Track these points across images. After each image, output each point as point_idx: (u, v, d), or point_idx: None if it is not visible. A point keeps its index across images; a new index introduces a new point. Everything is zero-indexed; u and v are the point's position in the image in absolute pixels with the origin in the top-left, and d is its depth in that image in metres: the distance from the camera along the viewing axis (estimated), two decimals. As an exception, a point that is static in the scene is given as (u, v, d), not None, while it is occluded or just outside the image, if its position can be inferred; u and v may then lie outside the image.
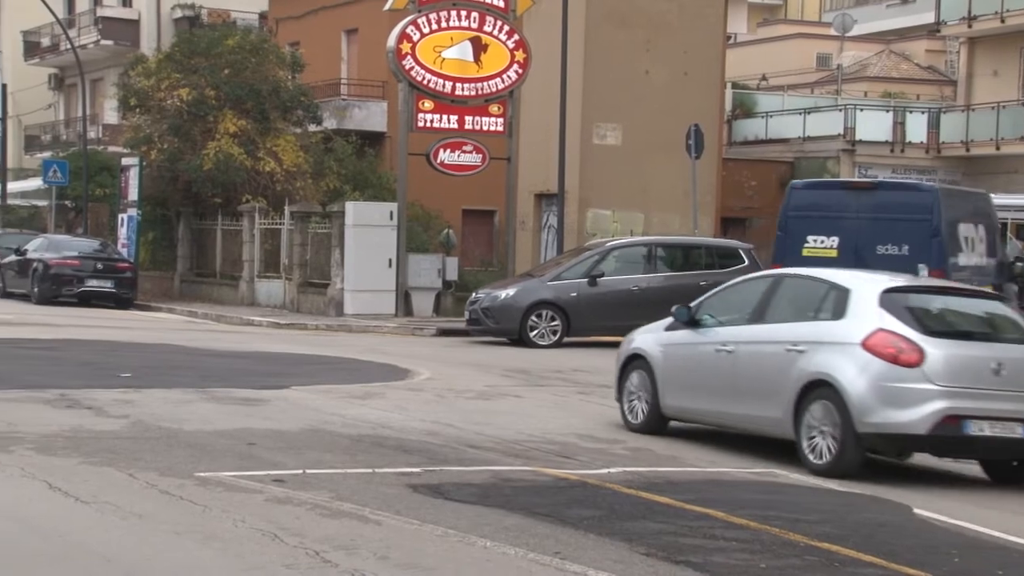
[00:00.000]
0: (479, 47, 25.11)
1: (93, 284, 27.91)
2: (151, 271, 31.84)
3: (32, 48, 49.27)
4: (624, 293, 20.93)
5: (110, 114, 42.64)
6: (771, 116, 36.14)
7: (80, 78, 37.10)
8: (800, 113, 35.18)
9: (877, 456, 10.14)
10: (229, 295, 29.19)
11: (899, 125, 33.58)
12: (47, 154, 43.54)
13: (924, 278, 11.27)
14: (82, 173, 34.43)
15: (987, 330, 10.20)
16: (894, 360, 9.57)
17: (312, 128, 31.06)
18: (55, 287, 27.87)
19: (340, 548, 6.84)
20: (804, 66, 42.56)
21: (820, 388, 9.81)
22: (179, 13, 43.71)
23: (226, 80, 29.45)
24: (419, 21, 24.75)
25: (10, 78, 47.55)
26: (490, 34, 25.19)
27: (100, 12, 44.98)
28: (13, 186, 43.54)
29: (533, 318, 20.75)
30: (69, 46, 38.40)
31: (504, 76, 25.32)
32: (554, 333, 20.85)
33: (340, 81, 35.06)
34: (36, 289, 28.03)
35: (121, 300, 27.97)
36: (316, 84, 32.33)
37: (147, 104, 30.30)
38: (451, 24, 24.98)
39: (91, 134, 40.22)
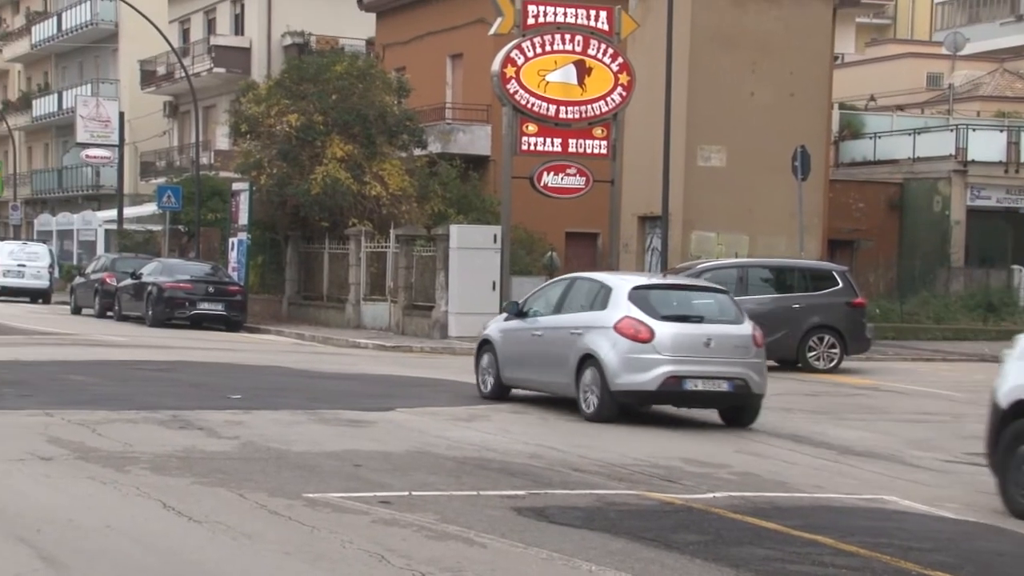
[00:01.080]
0: (583, 70, 25.14)
1: (205, 307, 28.49)
2: (260, 294, 32.40)
3: (148, 77, 50.61)
4: None
5: (222, 140, 43.60)
6: (880, 137, 35.57)
7: (193, 105, 38.01)
8: (910, 134, 34.56)
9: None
10: (336, 318, 29.57)
11: (1013, 145, 32.82)
12: (161, 180, 44.62)
13: (667, 278, 15.04)
14: (195, 198, 35.19)
15: (704, 315, 13.78)
16: (634, 338, 13.23)
17: (417, 152, 31.39)
18: (168, 310, 28.48)
19: (446, 570, 6.87)
20: (914, 86, 41.84)
21: (589, 359, 13.49)
22: (289, 40, 44.56)
23: (334, 106, 29.92)
24: (523, 45, 24.89)
25: (127, 106, 48.85)
26: (594, 57, 25.22)
27: (213, 41, 46.06)
28: (129, 211, 44.66)
29: None
30: (183, 74, 39.37)
31: (608, 99, 25.32)
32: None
33: (445, 105, 35.41)
34: (150, 312, 28.67)
35: (231, 323, 28.51)
36: (421, 108, 32.68)
37: (257, 130, 30.89)
38: (555, 48, 25.06)
39: (203, 160, 41.14)
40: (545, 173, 25.33)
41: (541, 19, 25.00)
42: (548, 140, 25.26)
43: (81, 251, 48.71)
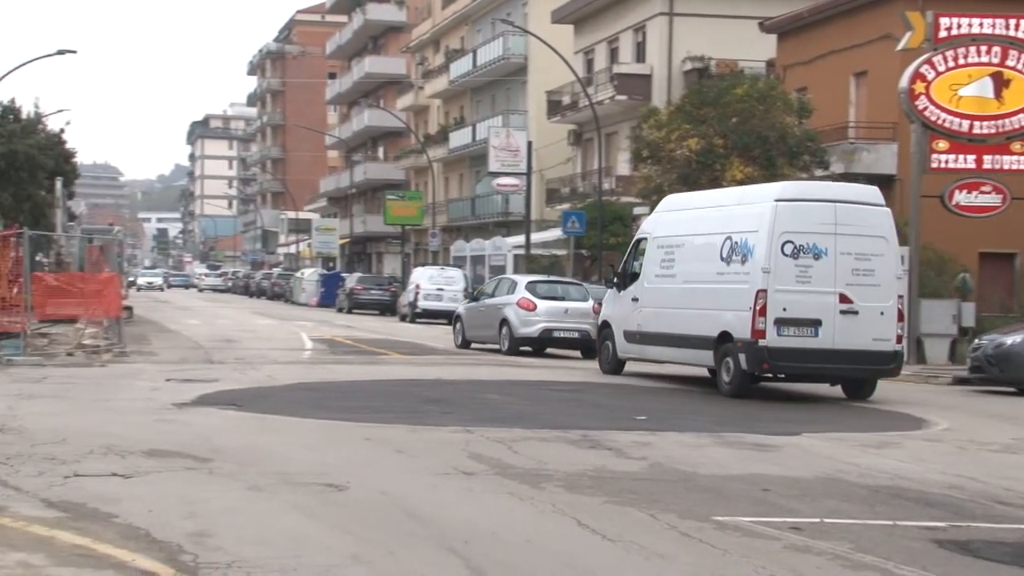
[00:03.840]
0: (1000, 82, 23.84)
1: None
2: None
3: (554, 107, 52.52)
4: None
5: (623, 166, 44.54)
6: None
7: (596, 133, 39.07)
8: None
9: None
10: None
11: None
12: (566, 206, 46.15)
13: (548, 277, 30.40)
14: (597, 223, 36.15)
15: (565, 296, 26.47)
16: (527, 308, 25.82)
17: (819, 172, 30.80)
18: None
19: (862, 602, 6.69)
20: None
21: (504, 321, 26.12)
22: (689, 66, 44.94)
23: (733, 128, 29.90)
24: (934, 60, 23.92)
25: (535, 135, 50.88)
26: (1013, 68, 23.87)
27: (616, 69, 47.14)
28: (536, 236, 46.48)
29: None
30: (587, 103, 40.56)
31: (1028, 111, 23.86)
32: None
33: (848, 124, 34.52)
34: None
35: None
36: (823, 128, 32.04)
37: (658, 155, 31.35)
38: (969, 61, 23.91)
39: (605, 185, 42.17)
40: (957, 191, 24.21)
41: (954, 31, 23.97)
42: (960, 157, 24.15)
43: (492, 276, 51.13)
